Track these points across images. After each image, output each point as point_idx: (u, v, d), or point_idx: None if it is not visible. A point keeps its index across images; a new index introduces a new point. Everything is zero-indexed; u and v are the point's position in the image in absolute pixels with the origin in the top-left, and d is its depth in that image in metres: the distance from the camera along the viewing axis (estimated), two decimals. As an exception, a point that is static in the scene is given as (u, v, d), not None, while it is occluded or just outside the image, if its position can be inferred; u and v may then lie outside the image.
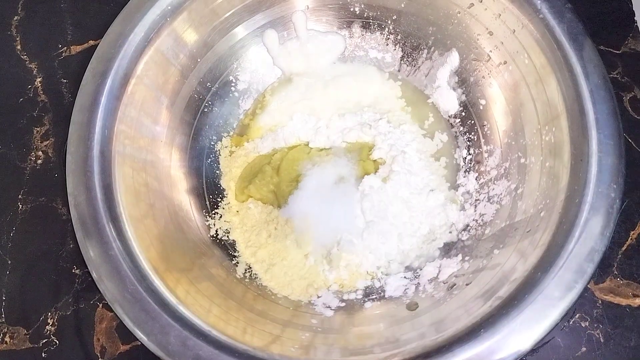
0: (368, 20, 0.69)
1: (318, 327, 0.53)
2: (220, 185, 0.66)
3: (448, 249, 0.60)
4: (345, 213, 0.61)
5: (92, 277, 0.48)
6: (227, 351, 0.45)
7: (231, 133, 0.69)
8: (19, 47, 0.73)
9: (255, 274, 0.61)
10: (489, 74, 0.62)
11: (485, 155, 0.62)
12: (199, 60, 0.64)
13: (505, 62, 0.59)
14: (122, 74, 0.56)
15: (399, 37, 0.69)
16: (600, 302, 0.57)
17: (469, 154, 0.65)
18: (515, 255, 0.50)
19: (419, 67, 0.69)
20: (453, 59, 0.65)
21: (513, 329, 0.43)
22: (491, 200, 0.60)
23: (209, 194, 0.65)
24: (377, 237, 0.60)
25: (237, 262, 0.61)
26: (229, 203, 0.65)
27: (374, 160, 0.64)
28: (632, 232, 0.59)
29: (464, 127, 0.66)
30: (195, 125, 0.65)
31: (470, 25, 0.62)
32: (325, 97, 0.69)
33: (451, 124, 0.67)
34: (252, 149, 0.67)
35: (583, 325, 0.56)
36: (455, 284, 0.54)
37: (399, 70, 0.70)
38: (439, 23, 0.64)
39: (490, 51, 0.61)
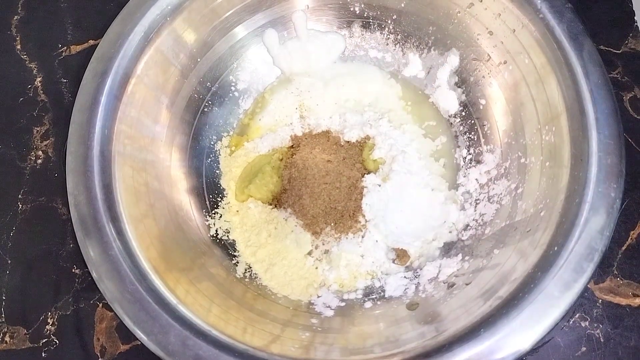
0: (368, 20, 0.69)
1: (318, 326, 0.53)
2: (220, 185, 0.66)
3: (448, 249, 0.60)
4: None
5: (92, 277, 0.48)
6: (227, 351, 0.45)
7: (231, 133, 0.69)
8: (19, 47, 0.73)
9: (255, 274, 0.61)
10: (489, 73, 0.62)
11: (486, 154, 0.62)
12: (199, 60, 0.64)
13: (505, 62, 0.59)
14: (122, 73, 0.56)
15: (399, 37, 0.69)
16: (600, 302, 0.57)
17: (469, 154, 0.65)
18: (515, 255, 0.50)
19: (419, 66, 0.69)
20: (453, 59, 0.65)
21: (513, 328, 0.43)
22: (491, 200, 0.60)
23: (209, 193, 0.65)
24: (377, 237, 0.60)
25: (237, 262, 0.61)
26: (229, 203, 0.65)
27: (374, 160, 0.64)
28: (632, 232, 0.59)
29: (464, 126, 0.66)
30: (195, 124, 0.65)
31: (470, 25, 0.62)
32: (325, 96, 0.69)
33: (451, 123, 0.67)
34: (252, 149, 0.67)
35: (583, 325, 0.56)
36: (455, 284, 0.54)
37: (399, 70, 0.70)
38: (439, 23, 0.64)
39: (490, 51, 0.61)
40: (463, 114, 0.66)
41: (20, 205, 0.65)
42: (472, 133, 0.65)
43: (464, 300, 0.50)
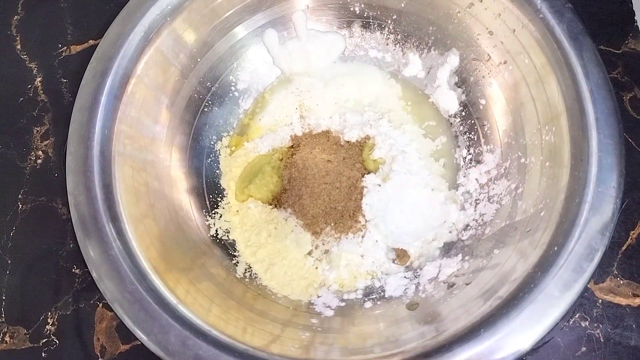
0: (368, 20, 0.69)
1: (318, 326, 0.53)
2: (220, 185, 0.66)
3: (448, 249, 0.60)
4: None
5: (92, 277, 0.48)
6: (227, 351, 0.45)
7: (231, 133, 0.69)
8: (19, 46, 0.73)
9: (255, 274, 0.61)
10: (489, 73, 0.62)
11: (486, 154, 0.62)
12: (199, 60, 0.64)
13: (505, 62, 0.59)
14: (122, 73, 0.56)
15: (399, 37, 0.69)
16: (600, 302, 0.57)
17: (469, 154, 0.65)
18: (515, 255, 0.50)
19: (419, 66, 0.69)
20: (453, 59, 0.65)
21: (513, 328, 0.44)
22: (491, 200, 0.60)
23: (209, 193, 0.65)
24: (377, 237, 0.60)
25: (237, 262, 0.61)
26: (229, 203, 0.65)
27: (374, 160, 0.64)
28: (632, 232, 0.59)
29: (464, 126, 0.66)
30: (195, 124, 0.65)
31: (470, 25, 0.62)
32: (325, 96, 0.69)
33: (451, 123, 0.67)
34: (252, 148, 0.67)
35: (583, 325, 0.56)
36: (455, 284, 0.54)
37: (399, 70, 0.70)
38: (439, 23, 0.64)
39: (491, 51, 0.61)
40: (463, 114, 0.66)
41: (20, 205, 0.65)
42: (472, 133, 0.65)
43: (464, 300, 0.50)
